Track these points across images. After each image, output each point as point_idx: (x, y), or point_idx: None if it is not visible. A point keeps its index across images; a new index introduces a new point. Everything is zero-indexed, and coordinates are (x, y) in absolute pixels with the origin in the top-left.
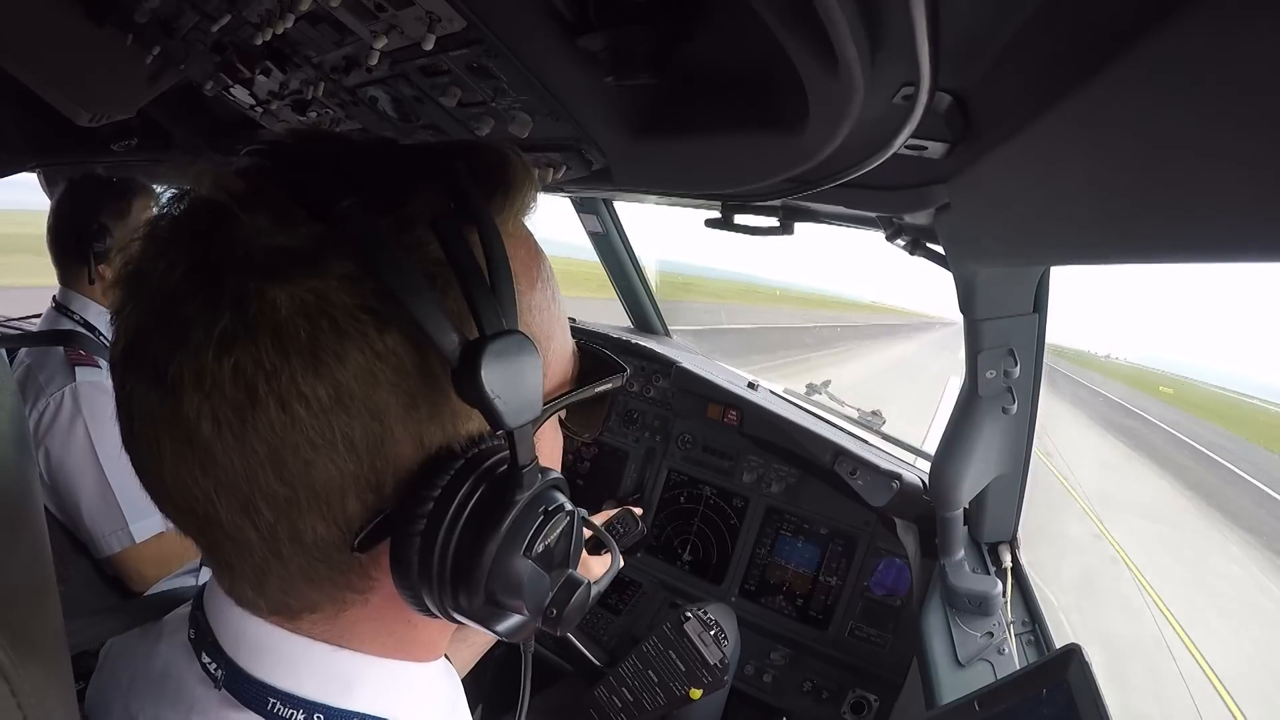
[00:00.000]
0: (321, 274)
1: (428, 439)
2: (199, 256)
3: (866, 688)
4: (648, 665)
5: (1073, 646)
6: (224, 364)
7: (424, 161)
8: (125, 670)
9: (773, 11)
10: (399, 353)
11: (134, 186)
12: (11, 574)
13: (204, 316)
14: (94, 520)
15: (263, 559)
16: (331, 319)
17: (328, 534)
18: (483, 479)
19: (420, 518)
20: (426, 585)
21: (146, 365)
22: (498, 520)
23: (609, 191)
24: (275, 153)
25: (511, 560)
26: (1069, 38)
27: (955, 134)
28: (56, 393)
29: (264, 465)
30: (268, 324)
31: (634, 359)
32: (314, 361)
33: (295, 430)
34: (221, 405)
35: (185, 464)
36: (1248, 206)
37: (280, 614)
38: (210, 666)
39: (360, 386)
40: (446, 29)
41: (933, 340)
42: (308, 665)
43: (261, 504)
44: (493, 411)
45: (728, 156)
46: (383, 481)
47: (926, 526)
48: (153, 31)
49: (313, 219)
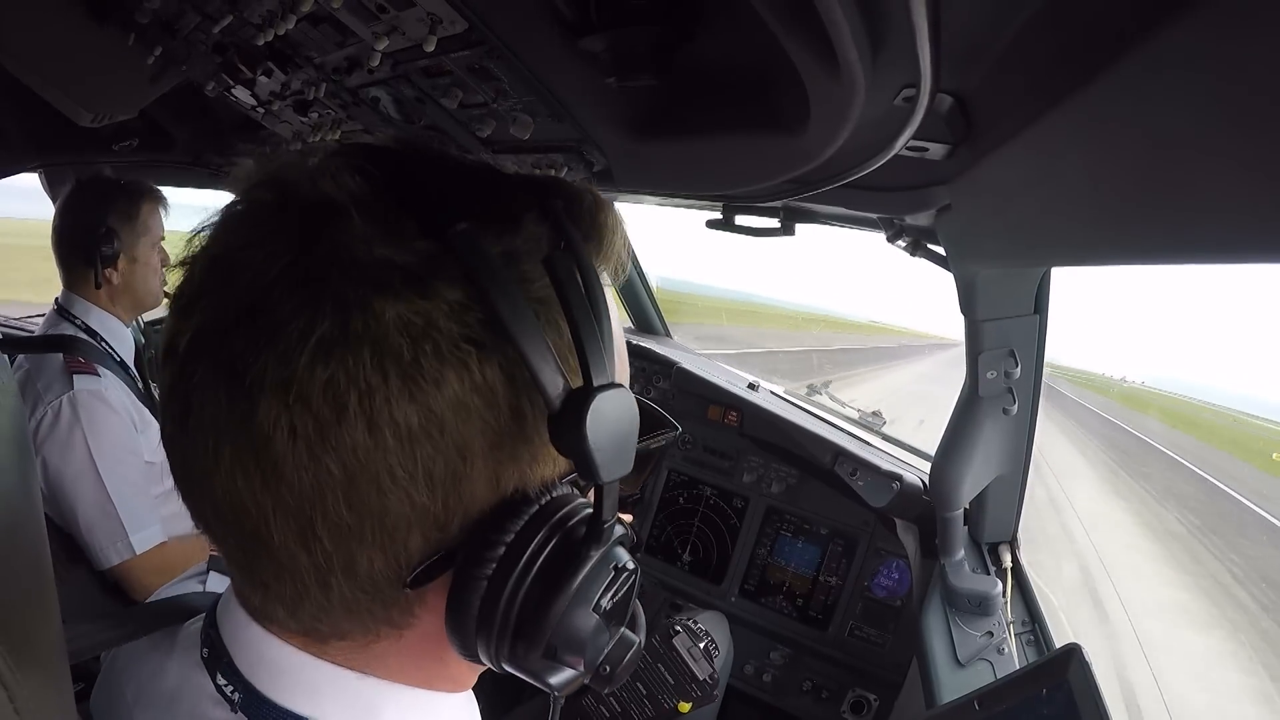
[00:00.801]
0: (431, 296)
1: (504, 481)
2: (304, 253)
3: (866, 687)
4: (635, 677)
5: (1073, 646)
6: (316, 374)
7: (527, 193)
8: (130, 684)
9: (774, 13)
10: (496, 388)
11: (142, 189)
12: (11, 580)
13: (302, 319)
14: (92, 531)
15: (305, 584)
16: (435, 343)
17: (384, 568)
18: (558, 527)
19: (490, 561)
20: (484, 631)
21: (221, 360)
22: (573, 572)
23: (610, 193)
24: (380, 159)
25: (579, 615)
26: (1069, 39)
27: (956, 135)
28: (54, 401)
29: (336, 489)
30: (369, 337)
31: (634, 359)
32: (411, 385)
33: (378, 456)
34: (304, 417)
35: (245, 473)
36: (1248, 207)
37: (308, 637)
38: (226, 689)
39: (452, 417)
40: (448, 30)
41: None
42: (331, 691)
43: (323, 530)
44: (590, 464)
45: (729, 158)
46: (451, 520)
47: (926, 527)
48: (154, 32)
49: (422, 235)
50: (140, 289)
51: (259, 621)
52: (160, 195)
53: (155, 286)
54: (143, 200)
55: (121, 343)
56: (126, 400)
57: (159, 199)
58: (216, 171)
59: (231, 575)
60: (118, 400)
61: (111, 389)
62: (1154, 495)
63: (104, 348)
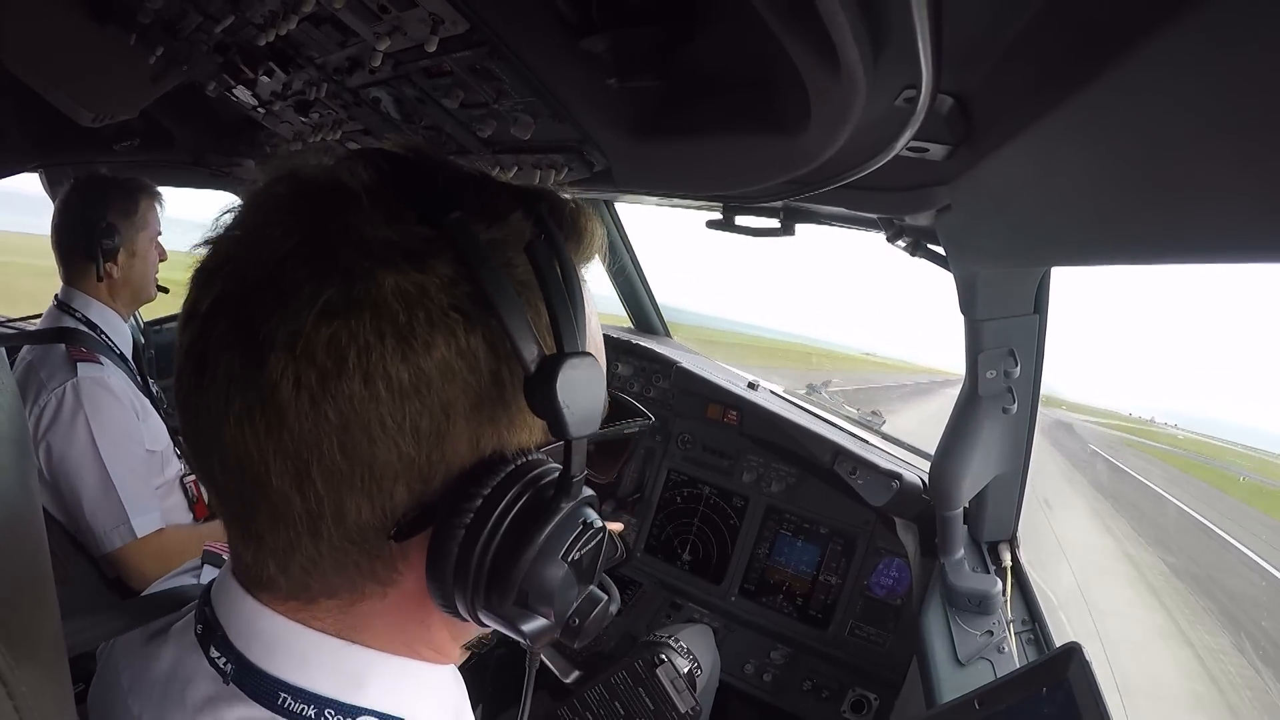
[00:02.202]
0: (425, 270)
1: (483, 442)
2: (317, 230)
3: (866, 687)
4: (615, 697)
5: (1073, 645)
6: (320, 331)
7: (515, 195)
8: (126, 672)
9: (775, 13)
10: (479, 354)
11: (141, 186)
12: (9, 577)
13: (311, 284)
14: (95, 515)
15: (297, 533)
16: (427, 310)
17: (370, 517)
18: (531, 484)
19: (467, 512)
20: (461, 580)
21: (241, 321)
22: (543, 523)
23: (611, 193)
24: (389, 160)
25: (549, 564)
26: (1069, 40)
27: (956, 136)
28: (58, 388)
29: (331, 435)
30: (369, 302)
31: (634, 359)
32: (404, 346)
33: (371, 406)
34: (308, 369)
35: (251, 421)
36: (1247, 207)
37: (297, 598)
38: (219, 661)
39: (439, 377)
40: (449, 31)
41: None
42: (319, 660)
43: (317, 474)
44: (560, 420)
45: (729, 158)
46: (434, 474)
47: (926, 526)
48: (156, 32)
49: (421, 222)
50: (138, 282)
51: (251, 591)
52: (157, 192)
53: (152, 280)
54: (141, 196)
55: (121, 337)
56: (128, 389)
57: (155, 195)
58: (217, 171)
59: (230, 537)
60: (120, 388)
61: (113, 376)
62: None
63: (104, 340)
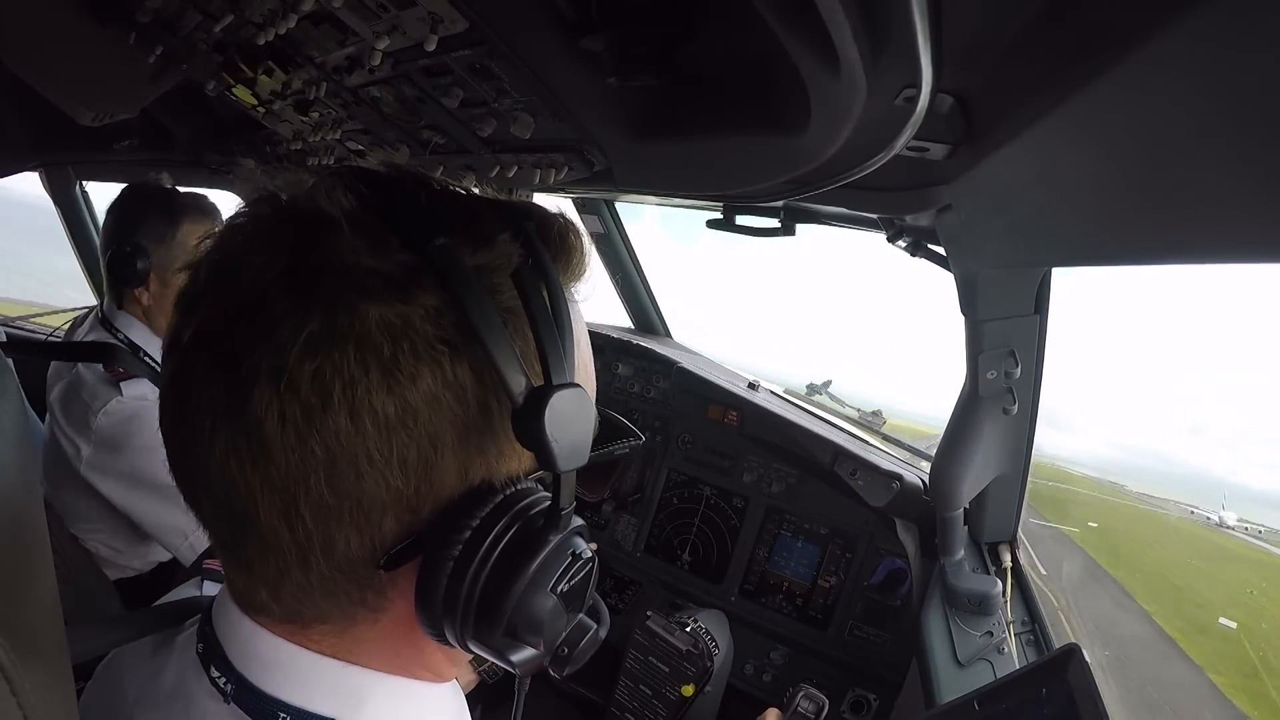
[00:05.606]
0: (410, 301)
1: (471, 472)
2: (299, 260)
3: (866, 687)
4: (638, 680)
5: (1072, 646)
6: (305, 366)
7: (501, 215)
8: (132, 683)
9: (775, 12)
10: (466, 385)
11: (183, 207)
12: (12, 575)
13: (294, 316)
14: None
15: (286, 563)
16: (412, 342)
17: (359, 549)
18: (520, 515)
19: (456, 543)
20: (450, 610)
21: (221, 352)
22: (532, 555)
23: (611, 192)
24: (371, 181)
25: (538, 596)
26: (1070, 40)
27: (957, 135)
28: (103, 409)
29: (319, 470)
30: (353, 335)
31: (634, 359)
32: (389, 379)
33: (358, 441)
34: (292, 404)
35: (237, 454)
36: (1247, 207)
37: (291, 622)
38: (219, 680)
39: (426, 409)
40: (449, 30)
41: None
42: (319, 680)
43: (305, 509)
44: (548, 454)
45: (729, 157)
46: (422, 505)
47: (926, 526)
48: (155, 31)
49: (404, 249)
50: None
51: (248, 614)
52: (212, 209)
53: None
54: (183, 218)
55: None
56: None
57: (207, 214)
58: (217, 170)
59: (222, 562)
60: None
61: (154, 394)
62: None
63: (148, 361)
